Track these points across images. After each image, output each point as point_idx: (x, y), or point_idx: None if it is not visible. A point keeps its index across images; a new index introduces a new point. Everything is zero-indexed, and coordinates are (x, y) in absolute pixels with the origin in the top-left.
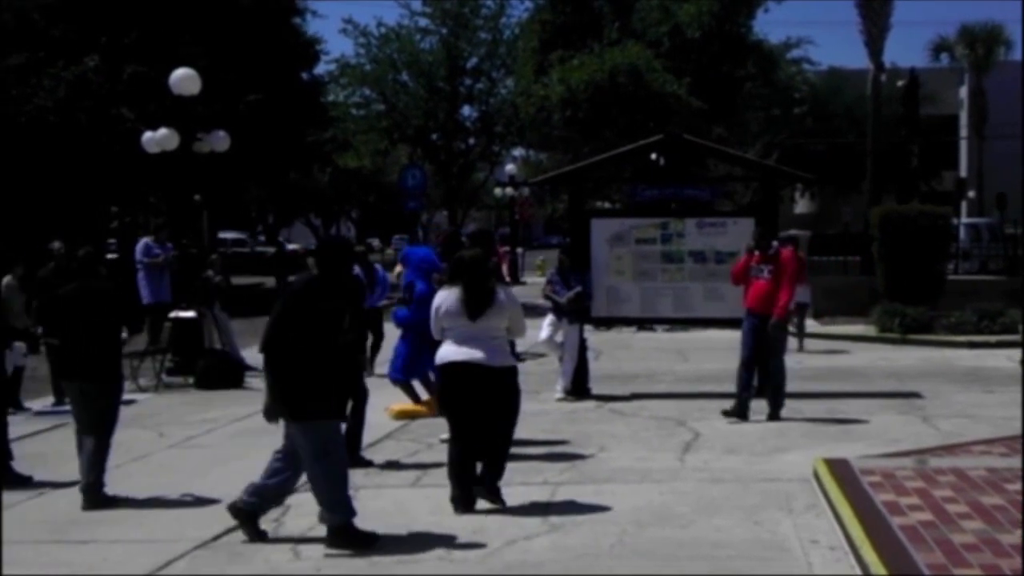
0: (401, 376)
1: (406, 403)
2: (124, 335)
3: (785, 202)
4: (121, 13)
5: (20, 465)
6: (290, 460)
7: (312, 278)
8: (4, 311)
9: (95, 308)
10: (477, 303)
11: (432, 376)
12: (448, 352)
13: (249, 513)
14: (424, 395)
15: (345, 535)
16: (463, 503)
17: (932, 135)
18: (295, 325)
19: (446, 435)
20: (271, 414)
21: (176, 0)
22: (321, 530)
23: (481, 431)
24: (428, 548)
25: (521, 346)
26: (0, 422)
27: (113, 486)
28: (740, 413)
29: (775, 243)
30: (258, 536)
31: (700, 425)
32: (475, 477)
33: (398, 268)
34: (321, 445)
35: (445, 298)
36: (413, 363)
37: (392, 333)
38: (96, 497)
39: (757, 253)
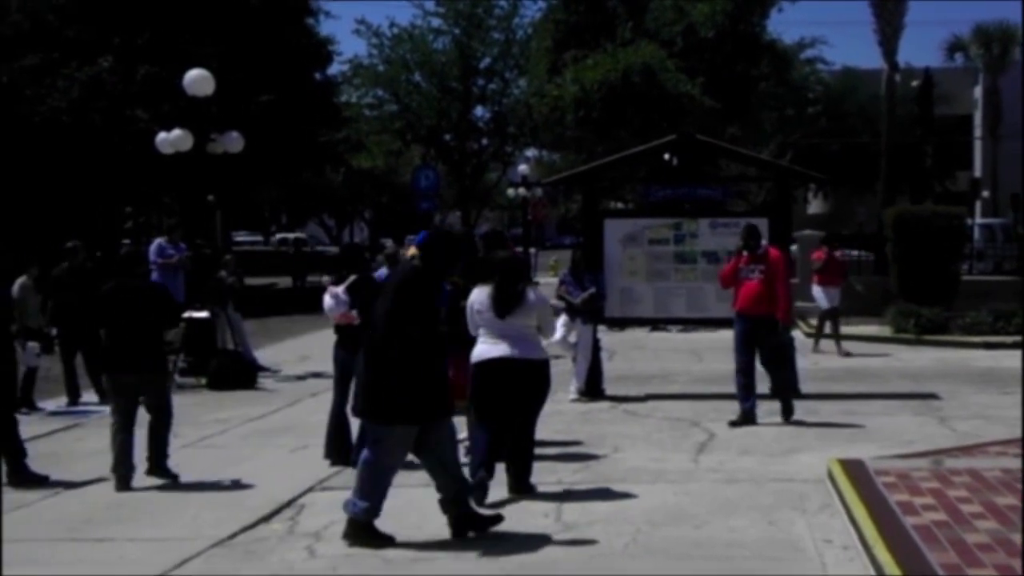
0: None
1: None
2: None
3: (799, 202)
4: (135, 14)
5: (34, 464)
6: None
7: (421, 270)
8: (20, 311)
9: (136, 305)
10: (506, 302)
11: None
12: (481, 351)
13: (364, 524)
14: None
15: (364, 532)
16: (479, 490)
17: (946, 135)
18: (407, 318)
19: (460, 435)
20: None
21: (189, 1)
22: (336, 529)
23: (511, 425)
24: (442, 547)
25: None
26: (10, 421)
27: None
28: (748, 422)
29: (763, 243)
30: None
31: (714, 426)
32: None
33: (411, 250)
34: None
35: (478, 296)
36: None
37: None
38: (165, 472)
39: (746, 254)
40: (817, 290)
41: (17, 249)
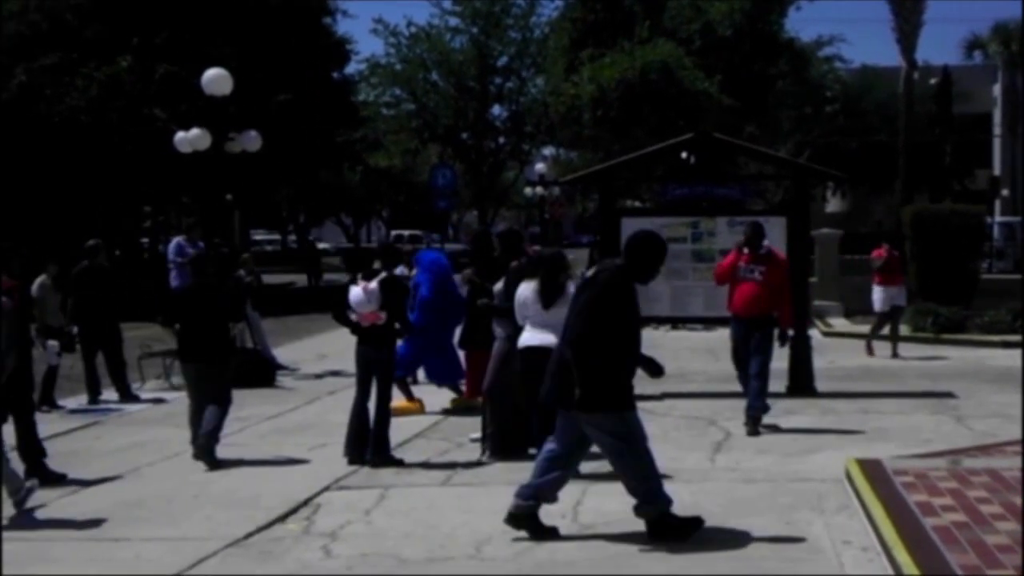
0: (399, 372)
1: (402, 400)
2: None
3: (817, 200)
4: (153, 14)
5: (53, 463)
6: (563, 462)
7: (622, 268)
8: (40, 310)
9: (206, 301)
10: (550, 294)
11: (410, 379)
12: (527, 338)
13: (529, 514)
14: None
15: (664, 526)
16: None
17: (965, 133)
18: (608, 316)
19: (476, 434)
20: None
21: (207, 1)
22: (353, 529)
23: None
24: (458, 547)
25: None
26: (29, 420)
27: (143, 484)
28: (756, 430)
29: (766, 242)
30: (545, 533)
31: (731, 425)
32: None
33: (414, 271)
34: (625, 435)
35: (525, 290)
36: (411, 362)
37: None
38: (211, 458)
39: (747, 252)
40: (877, 290)
41: (37, 248)
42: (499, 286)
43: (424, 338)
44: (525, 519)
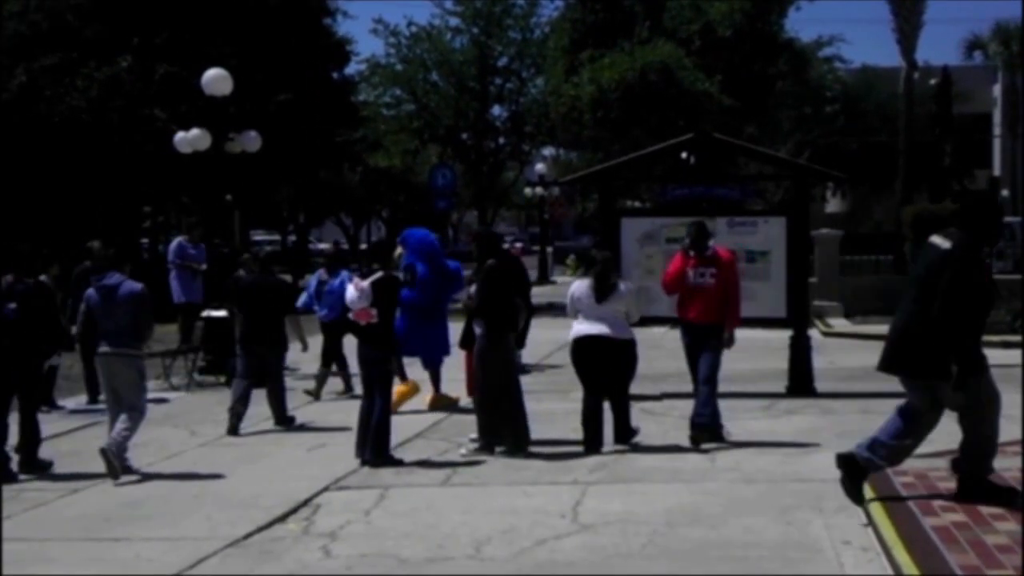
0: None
1: (398, 385)
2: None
3: (817, 201)
4: (153, 14)
5: (55, 463)
6: (917, 427)
7: (968, 238)
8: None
9: (267, 295)
10: (603, 290)
11: (404, 361)
12: (581, 328)
13: (861, 469)
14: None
15: (980, 488)
16: (593, 446)
17: (965, 133)
18: (972, 288)
19: (474, 434)
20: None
21: (207, 1)
22: (353, 529)
23: (605, 388)
24: (458, 547)
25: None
26: (34, 411)
27: (143, 484)
28: (711, 435)
29: (711, 243)
30: (857, 495)
31: (731, 425)
32: (601, 431)
33: (398, 250)
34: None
35: (578, 286)
36: (408, 341)
37: None
38: (286, 420)
39: (693, 256)
40: None
41: (38, 248)
42: (473, 287)
43: (417, 313)
44: (854, 469)
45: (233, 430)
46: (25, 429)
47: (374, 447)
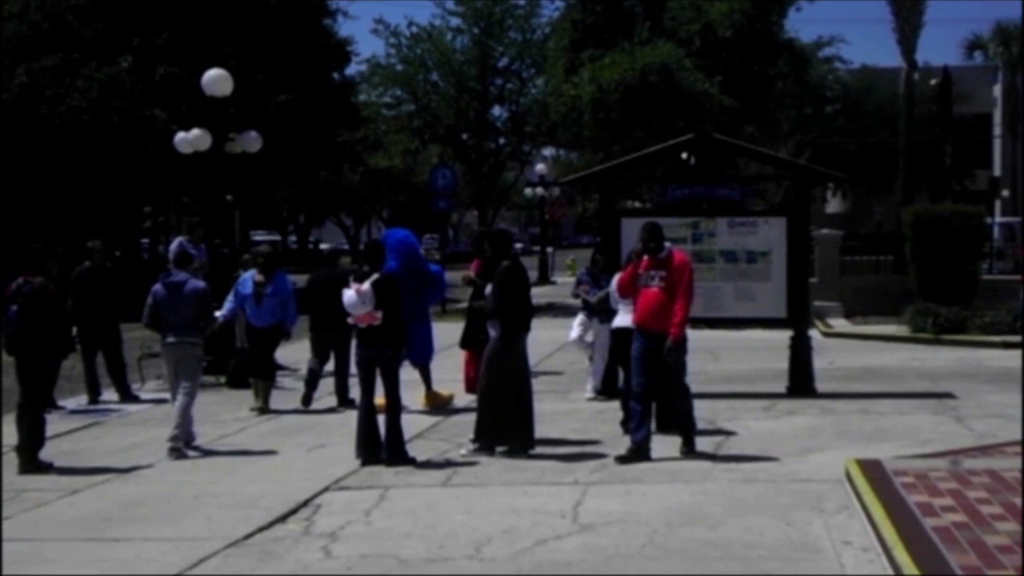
0: None
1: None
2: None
3: (817, 201)
4: (153, 14)
5: (55, 463)
6: None
7: None
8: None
9: (337, 286)
10: None
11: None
12: (621, 320)
13: None
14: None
15: None
16: (662, 426)
17: (965, 134)
18: None
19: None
20: None
21: (208, 1)
22: (353, 529)
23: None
24: (458, 547)
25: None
26: (41, 410)
27: (143, 484)
28: (641, 456)
29: (667, 244)
30: None
31: (731, 425)
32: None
33: None
34: None
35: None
36: None
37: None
38: (347, 402)
39: (646, 258)
40: None
41: (51, 247)
42: (489, 287)
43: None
44: None
45: (305, 400)
46: (31, 430)
47: (389, 446)
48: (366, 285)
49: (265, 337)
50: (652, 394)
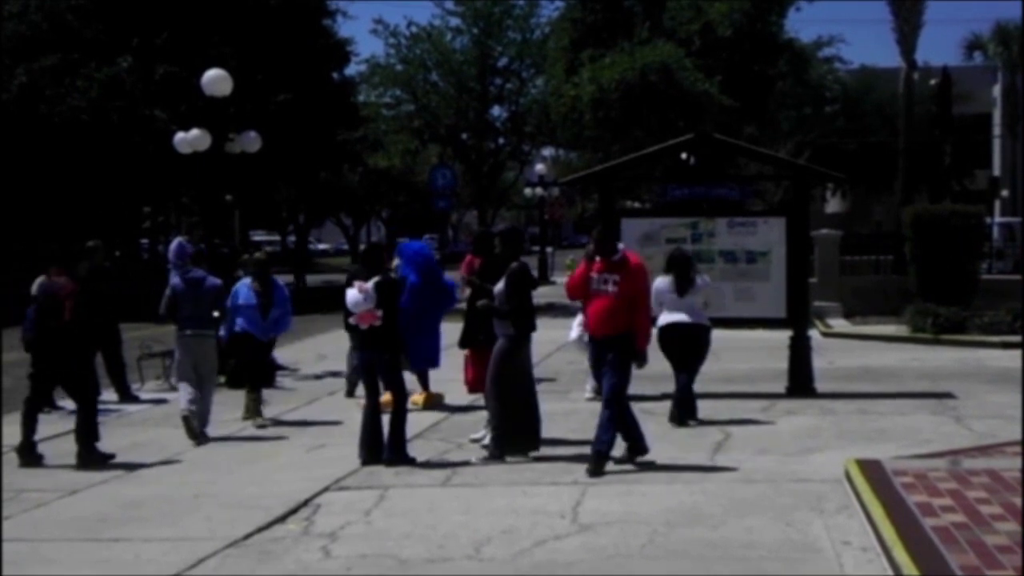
0: None
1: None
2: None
3: (816, 201)
4: (153, 14)
5: (54, 463)
6: None
7: None
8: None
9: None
10: (683, 285)
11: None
12: (665, 317)
13: None
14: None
15: None
16: (680, 420)
17: (965, 134)
18: None
19: (475, 435)
20: None
21: (207, 1)
22: (353, 529)
23: (687, 367)
24: (458, 548)
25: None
26: (93, 404)
27: (143, 484)
28: (600, 470)
29: (620, 246)
30: None
31: (731, 425)
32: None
33: (395, 261)
34: None
35: (661, 282)
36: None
37: None
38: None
39: (598, 260)
40: None
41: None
42: (499, 286)
43: (410, 322)
44: None
45: (349, 393)
46: (80, 423)
47: (391, 446)
48: (370, 284)
49: (267, 349)
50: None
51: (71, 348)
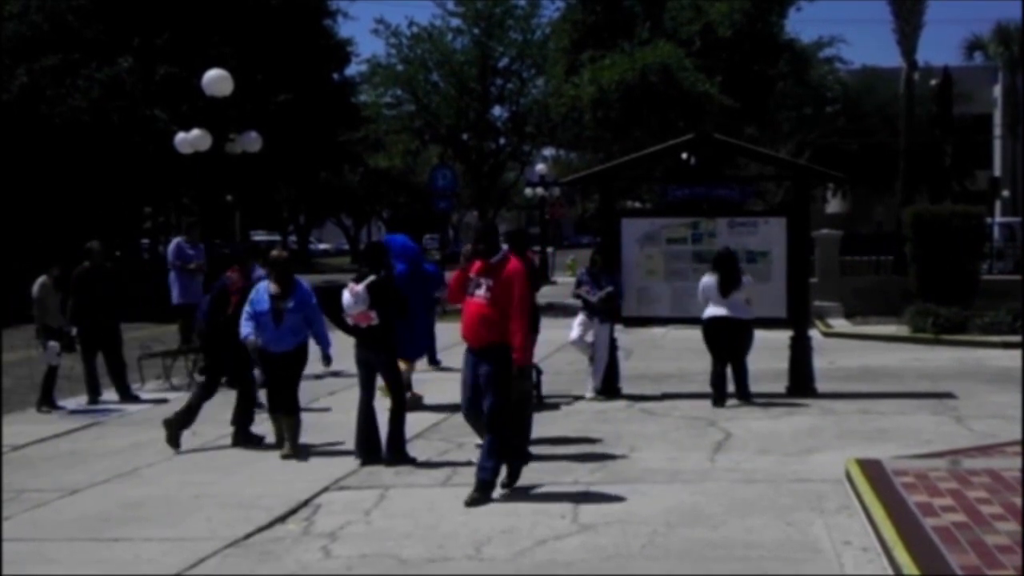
0: None
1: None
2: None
3: (817, 202)
4: (153, 14)
5: (52, 463)
6: None
7: None
8: (40, 310)
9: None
10: (728, 285)
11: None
12: (711, 311)
13: None
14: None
15: None
16: (719, 401)
17: (965, 134)
18: None
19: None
20: None
21: (208, 2)
22: (353, 529)
23: (728, 357)
24: (458, 547)
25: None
26: (250, 390)
27: (143, 484)
28: (483, 499)
29: (504, 246)
30: None
31: (731, 425)
32: (725, 390)
33: None
34: None
35: (707, 280)
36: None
37: None
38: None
39: (478, 261)
40: None
41: (37, 248)
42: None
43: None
44: None
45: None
46: (237, 408)
47: (391, 445)
48: (360, 286)
49: (289, 365)
50: (478, 413)
51: (232, 339)
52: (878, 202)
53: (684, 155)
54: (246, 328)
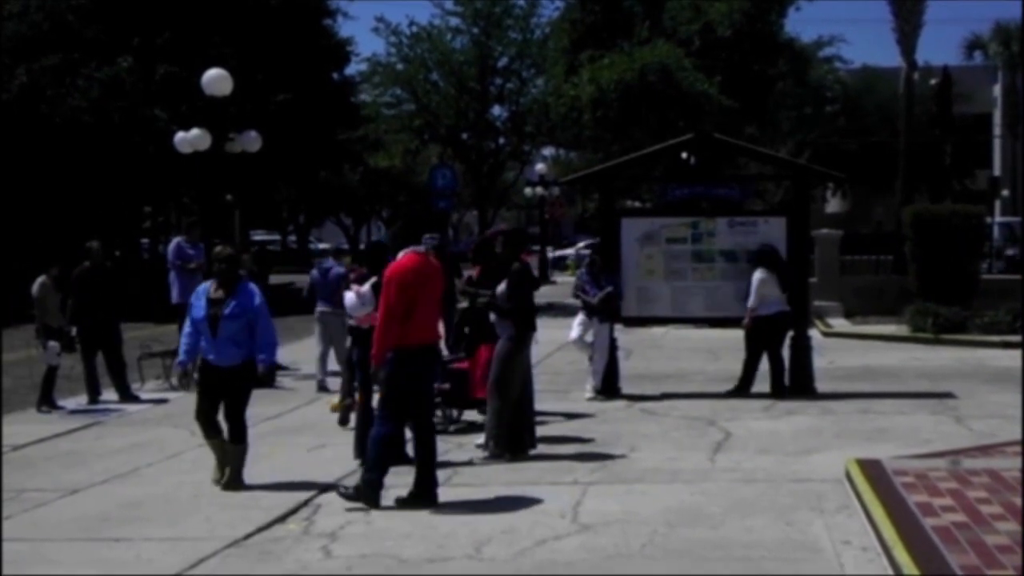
0: None
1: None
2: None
3: (817, 201)
4: (153, 14)
5: (52, 463)
6: None
7: None
8: (40, 310)
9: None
10: (786, 281)
11: None
12: (778, 307)
13: None
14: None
15: None
16: (743, 391)
17: (965, 133)
18: None
19: (481, 440)
20: None
21: (208, 1)
22: (353, 529)
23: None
24: (458, 547)
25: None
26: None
27: (143, 484)
28: (369, 499)
29: (405, 250)
30: None
31: (731, 425)
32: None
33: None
34: None
35: (763, 277)
36: None
37: None
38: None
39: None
40: None
41: (37, 248)
42: (501, 287)
43: None
44: None
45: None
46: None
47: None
48: (366, 287)
49: (233, 382)
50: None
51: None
52: (878, 202)
53: (684, 155)
54: (183, 346)
